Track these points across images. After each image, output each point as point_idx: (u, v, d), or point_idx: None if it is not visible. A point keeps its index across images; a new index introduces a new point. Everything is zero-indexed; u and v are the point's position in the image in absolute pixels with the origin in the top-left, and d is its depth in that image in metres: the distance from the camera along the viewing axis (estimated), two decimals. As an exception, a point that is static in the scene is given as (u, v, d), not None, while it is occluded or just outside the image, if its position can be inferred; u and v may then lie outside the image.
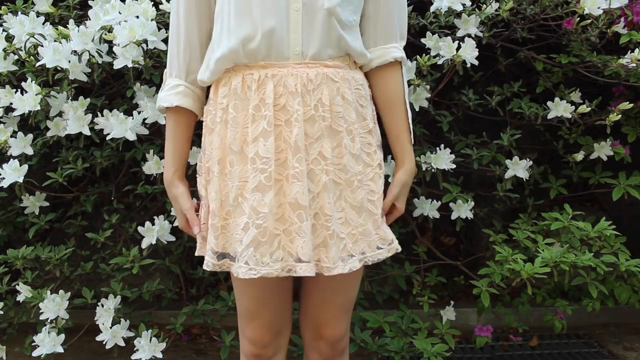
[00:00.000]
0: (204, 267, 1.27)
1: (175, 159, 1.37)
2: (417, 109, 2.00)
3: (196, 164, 1.44)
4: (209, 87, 1.37)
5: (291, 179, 1.19)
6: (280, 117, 1.21)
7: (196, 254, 1.36)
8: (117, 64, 1.77)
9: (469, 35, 1.94)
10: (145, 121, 1.86)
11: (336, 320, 1.37)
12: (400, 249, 1.33)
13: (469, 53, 1.89)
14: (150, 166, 1.97)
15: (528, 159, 2.12)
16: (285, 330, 1.39)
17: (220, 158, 1.26)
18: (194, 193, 1.39)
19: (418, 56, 1.95)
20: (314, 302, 1.37)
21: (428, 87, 1.99)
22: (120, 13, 1.76)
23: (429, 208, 2.07)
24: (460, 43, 1.90)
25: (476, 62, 1.91)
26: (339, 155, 1.25)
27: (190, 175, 1.66)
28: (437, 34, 1.94)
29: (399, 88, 1.39)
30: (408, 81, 1.90)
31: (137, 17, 1.73)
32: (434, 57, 1.94)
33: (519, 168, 2.11)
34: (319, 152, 1.22)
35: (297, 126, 1.20)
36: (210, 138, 1.30)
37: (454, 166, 2.01)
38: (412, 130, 1.40)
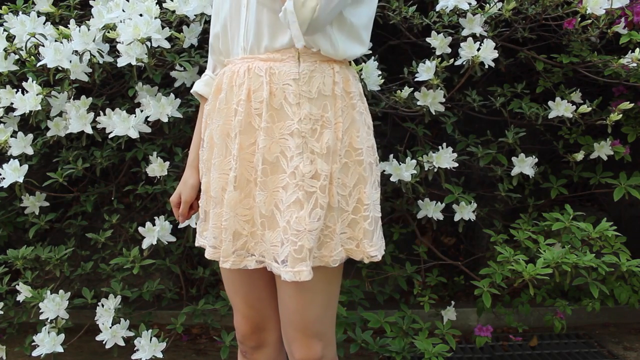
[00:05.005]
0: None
1: (196, 145, 1.40)
2: (433, 112, 2.00)
3: None
4: None
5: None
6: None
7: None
8: (121, 62, 1.77)
9: (474, 35, 1.94)
10: (148, 119, 1.86)
11: (302, 342, 1.25)
12: (288, 278, 1.14)
13: (489, 54, 1.89)
14: (154, 168, 1.96)
15: (534, 157, 2.13)
16: (269, 328, 1.37)
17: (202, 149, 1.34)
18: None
19: (434, 59, 1.96)
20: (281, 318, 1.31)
21: (442, 92, 1.98)
22: (124, 11, 1.76)
23: (432, 210, 2.07)
24: (480, 44, 1.90)
25: (492, 64, 1.91)
26: (252, 152, 1.19)
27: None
28: (441, 34, 1.94)
29: None
30: (427, 81, 1.95)
31: (141, 15, 1.73)
32: (439, 56, 1.94)
33: (525, 165, 2.12)
34: (239, 144, 1.20)
35: (217, 122, 1.24)
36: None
37: (456, 165, 2.01)
38: None
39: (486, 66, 1.92)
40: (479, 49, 1.88)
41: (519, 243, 2.10)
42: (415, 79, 1.99)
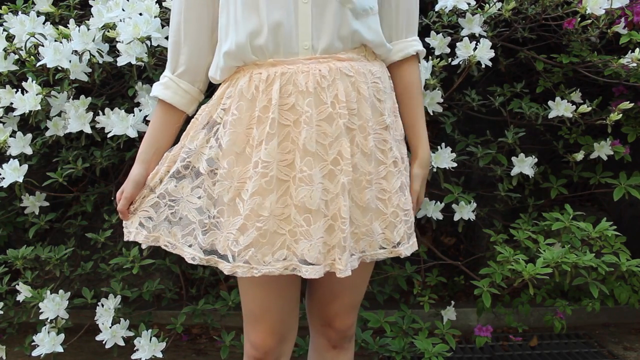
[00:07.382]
0: (189, 260, 1.23)
1: (145, 144, 1.32)
2: (431, 113, 1.99)
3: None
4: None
5: (298, 182, 1.16)
6: (289, 117, 1.16)
7: (125, 238, 1.34)
8: (121, 61, 1.77)
9: (473, 35, 1.94)
10: (147, 118, 1.85)
11: (346, 313, 1.39)
12: (405, 254, 1.29)
13: (485, 53, 1.89)
14: (153, 167, 1.96)
15: (533, 157, 2.13)
16: (290, 337, 1.35)
17: (211, 157, 1.22)
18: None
19: (431, 58, 1.95)
20: (323, 297, 1.37)
21: (440, 92, 1.98)
22: (123, 10, 1.76)
23: (432, 210, 2.07)
24: (477, 44, 1.90)
25: (490, 63, 1.91)
26: (352, 154, 1.20)
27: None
28: (440, 34, 1.94)
29: (417, 79, 1.37)
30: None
31: (141, 14, 1.74)
32: (438, 56, 1.94)
33: (524, 165, 2.12)
34: (339, 151, 1.18)
35: (306, 129, 1.15)
36: (198, 135, 1.25)
37: (455, 165, 2.01)
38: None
39: (483, 65, 1.91)
40: (475, 49, 1.88)
41: (518, 243, 2.10)
42: None
